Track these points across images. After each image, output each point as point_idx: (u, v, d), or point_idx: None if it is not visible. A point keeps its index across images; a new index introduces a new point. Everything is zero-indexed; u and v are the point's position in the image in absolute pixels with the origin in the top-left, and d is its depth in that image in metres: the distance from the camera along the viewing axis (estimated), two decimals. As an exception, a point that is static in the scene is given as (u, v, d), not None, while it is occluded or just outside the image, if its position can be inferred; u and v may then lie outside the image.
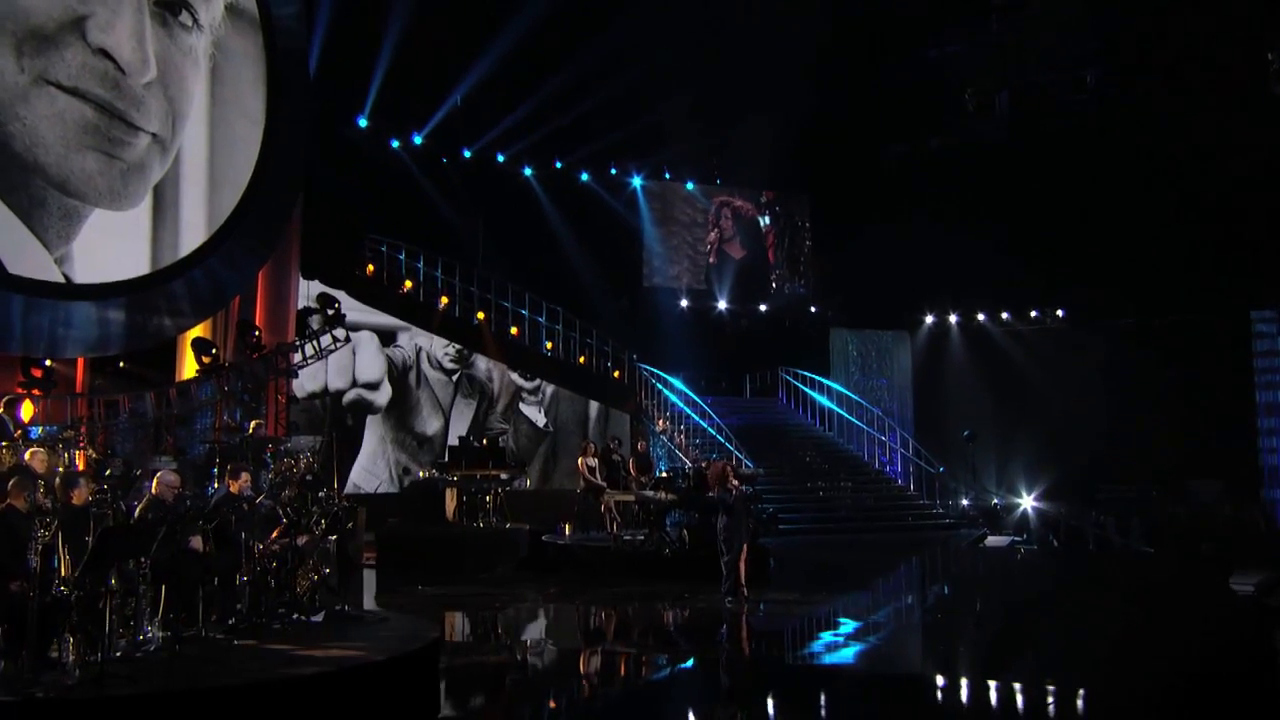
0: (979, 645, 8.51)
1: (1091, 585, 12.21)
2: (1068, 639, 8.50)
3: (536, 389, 18.38)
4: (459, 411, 17.46)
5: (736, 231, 22.45)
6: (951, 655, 8.23)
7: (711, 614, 10.11)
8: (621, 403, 18.98)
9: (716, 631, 9.39)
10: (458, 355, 17.67)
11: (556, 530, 14.01)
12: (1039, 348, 21.74)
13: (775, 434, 19.32)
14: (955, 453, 19.70)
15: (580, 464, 14.02)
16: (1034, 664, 7.67)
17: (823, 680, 7.64)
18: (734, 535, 9.84)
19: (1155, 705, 6.69)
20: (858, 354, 22.65)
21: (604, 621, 10.24)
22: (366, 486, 16.24)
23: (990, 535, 16.62)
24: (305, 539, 7.95)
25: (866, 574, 13.26)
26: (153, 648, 6.54)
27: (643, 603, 10.82)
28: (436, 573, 12.06)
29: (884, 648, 8.82)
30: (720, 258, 22.20)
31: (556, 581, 11.92)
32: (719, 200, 22.43)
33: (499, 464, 13.40)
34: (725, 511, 9.83)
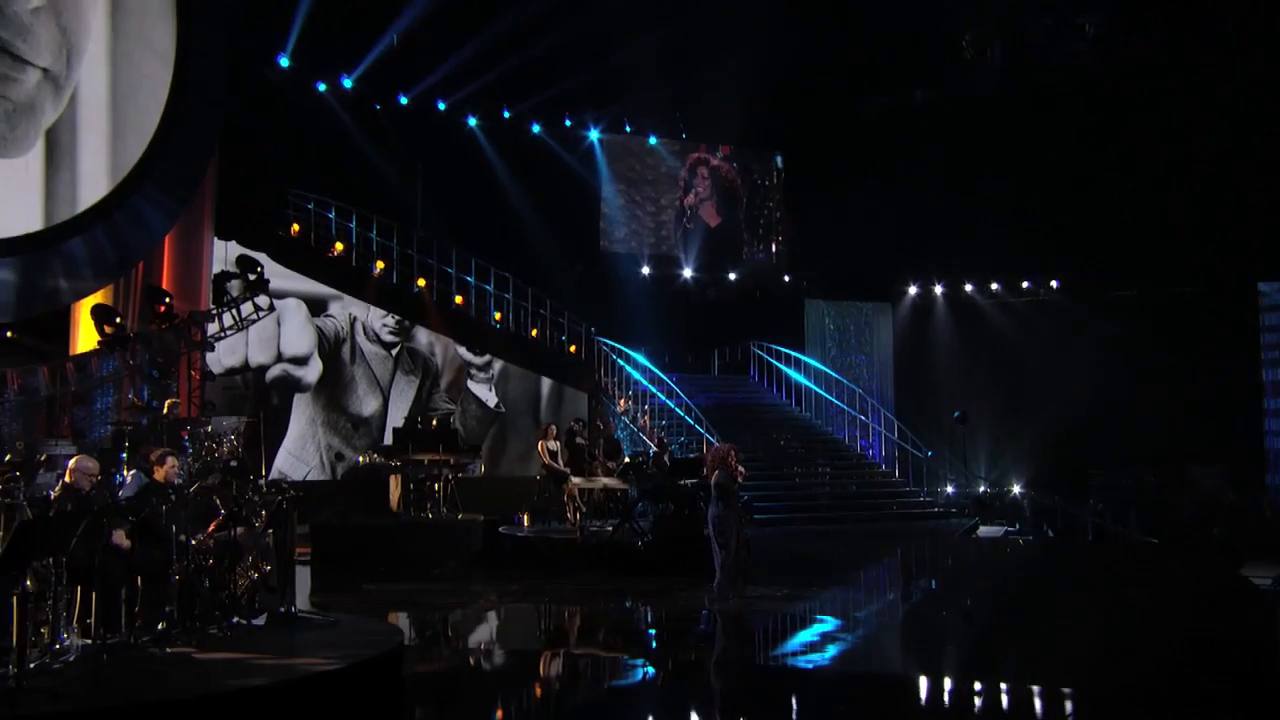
0: (997, 646, 8.55)
1: (1100, 579, 12.39)
2: (1090, 638, 8.58)
3: (486, 365, 18.14)
4: (399, 390, 17.16)
5: (713, 193, 22.33)
6: (970, 658, 8.25)
7: (697, 613, 10.05)
8: (579, 380, 18.85)
9: (709, 632, 9.33)
10: (397, 326, 17.35)
11: (514, 521, 13.90)
12: (1031, 321, 22.03)
13: (747, 414, 19.34)
14: (941, 435, 19.92)
15: (540, 448, 13.90)
16: (1061, 666, 7.71)
17: (839, 687, 7.60)
18: (730, 528, 9.79)
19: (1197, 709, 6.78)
20: (835, 327, 22.74)
21: (579, 623, 10.14)
22: (294, 474, 15.90)
23: (982, 525, 16.81)
24: (242, 532, 7.69)
25: (855, 567, 13.32)
26: (72, 658, 6.29)
27: (616, 601, 10.73)
28: (381, 569, 11.84)
29: (898, 650, 8.85)
30: (695, 223, 22.05)
31: (517, 578, 11.80)
32: (694, 158, 22.26)
33: (450, 448, 13.20)
34: (724, 500, 9.75)
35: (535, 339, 18.64)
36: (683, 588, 10.76)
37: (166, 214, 13.79)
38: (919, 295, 23.14)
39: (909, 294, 23.12)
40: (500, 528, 13.52)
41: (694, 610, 10.14)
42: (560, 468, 13.89)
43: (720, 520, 9.78)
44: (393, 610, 9.96)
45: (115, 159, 12.78)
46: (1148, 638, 8.67)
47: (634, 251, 21.54)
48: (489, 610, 10.59)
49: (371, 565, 12.02)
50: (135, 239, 13.36)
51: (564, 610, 10.58)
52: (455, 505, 13.57)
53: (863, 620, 10.22)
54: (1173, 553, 14.90)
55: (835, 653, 8.67)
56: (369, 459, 14.25)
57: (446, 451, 13.19)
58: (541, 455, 13.96)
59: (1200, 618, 9.53)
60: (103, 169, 12.65)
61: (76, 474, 7.13)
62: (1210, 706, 6.78)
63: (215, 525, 7.44)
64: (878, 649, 8.90)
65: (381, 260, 17.55)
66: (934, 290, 23.09)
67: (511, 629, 9.99)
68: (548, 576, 11.78)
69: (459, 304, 18.10)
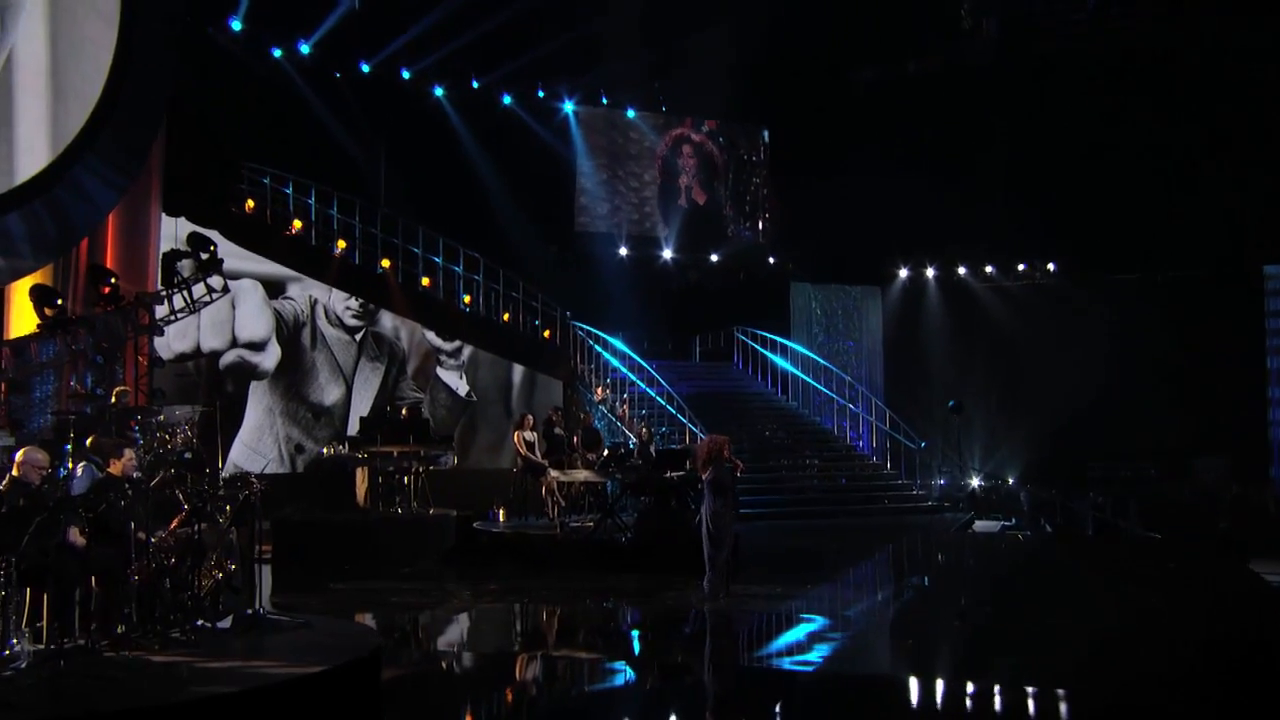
0: (1001, 648, 8.56)
1: (1104, 576, 12.47)
2: (1101, 640, 8.60)
3: (457, 351, 17.98)
4: (363, 377, 16.98)
5: (699, 172, 22.24)
6: (975, 660, 8.24)
7: (686, 613, 10.01)
8: (553, 367, 18.76)
9: (701, 633, 9.29)
10: (361, 310, 17.15)
11: (489, 516, 13.84)
12: (1027, 306, 22.16)
13: (730, 404, 19.33)
14: (935, 425, 20.02)
15: (516, 439, 13.83)
16: (1072, 668, 7.72)
17: (838, 691, 7.58)
18: (725, 523, 9.75)
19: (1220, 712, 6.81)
20: (821, 312, 22.78)
21: (563, 625, 10.09)
22: (250, 467, 15.67)
23: (978, 520, 16.91)
24: (206, 529, 7.55)
25: (848, 565, 13.34)
26: (24, 664, 6.16)
27: (600, 601, 10.68)
28: (346, 568, 11.74)
29: (899, 653, 8.82)
30: (685, 202, 21.94)
31: (494, 576, 11.74)
32: (675, 134, 22.14)
33: (421, 439, 13.07)
34: (718, 494, 9.70)
35: (507, 323, 18.52)
36: (669, 586, 10.73)
37: (111, 187, 13.52)
38: (910, 278, 23.22)
39: (899, 277, 23.18)
40: (475, 523, 13.46)
41: (683, 610, 10.10)
42: (538, 460, 13.82)
43: (718, 516, 9.73)
44: (364, 611, 9.85)
45: (56, 127, 12.47)
46: (1161, 639, 8.70)
47: (611, 231, 21.44)
48: (466, 611, 10.51)
49: (337, 564, 11.88)
50: (78, 214, 13.08)
51: (546, 611, 10.52)
52: (426, 500, 13.45)
53: (860, 621, 10.22)
54: (1177, 548, 15.04)
55: (834, 655, 8.67)
56: (333, 450, 14.07)
57: (417, 443, 13.07)
58: (518, 447, 13.86)
59: (1215, 617, 9.59)
60: (42, 138, 12.35)
61: (25, 467, 6.96)
62: (1233, 710, 6.82)
63: (178, 521, 7.28)
64: (877, 651, 8.89)
65: (343, 239, 17.35)
66: (925, 273, 23.17)
67: (491, 631, 9.91)
68: (526, 575, 11.72)
69: (426, 286, 17.93)
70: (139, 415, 11.97)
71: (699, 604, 9.97)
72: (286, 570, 11.68)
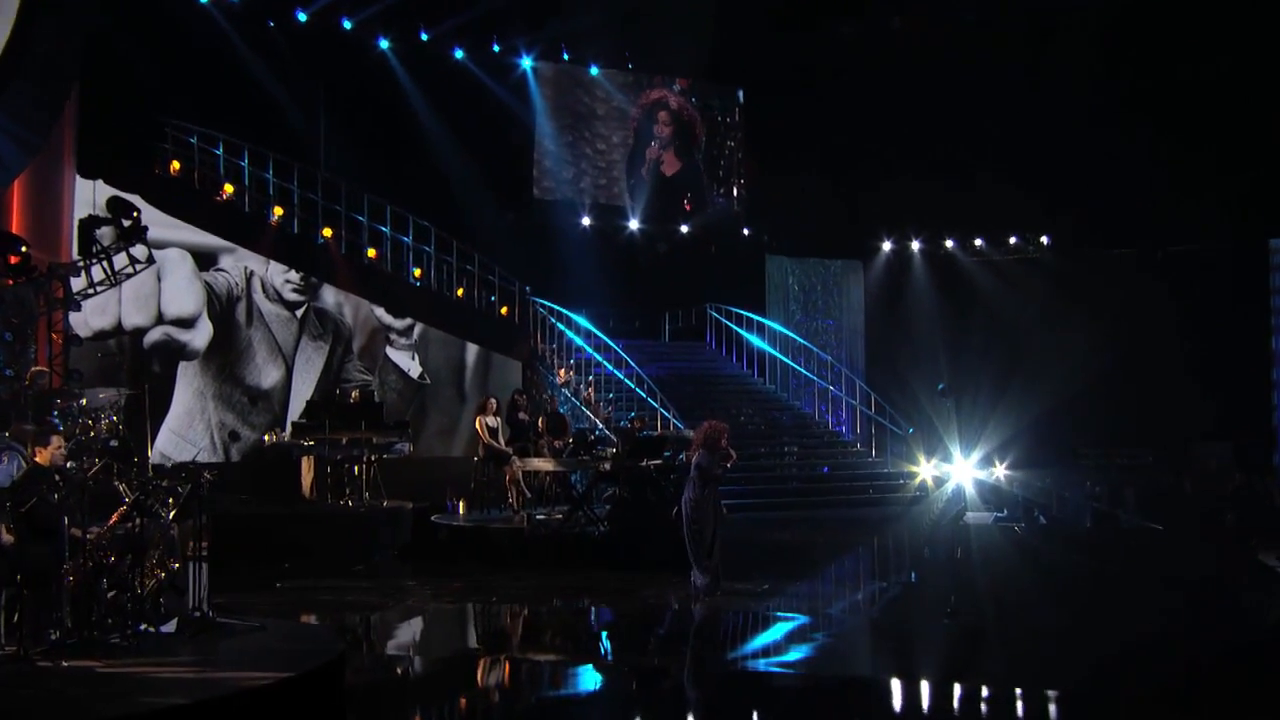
0: (1011, 649, 8.60)
1: (1113, 571, 12.59)
2: (1122, 640, 8.67)
3: (409, 329, 17.76)
4: (305, 358, 16.71)
5: (674, 139, 22.11)
6: (986, 663, 8.28)
7: (668, 612, 9.98)
8: (511, 347, 18.63)
9: (686, 634, 9.26)
10: (303, 284, 16.88)
11: (448, 508, 13.77)
12: (1019, 282, 22.29)
13: (703, 386, 19.38)
14: (921, 410, 20.12)
15: (478, 425, 13.77)
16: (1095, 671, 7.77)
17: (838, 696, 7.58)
18: (705, 514, 9.76)
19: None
20: (799, 288, 22.83)
21: (534, 627, 10.03)
22: (179, 455, 15.43)
23: (970, 511, 17.02)
24: (147, 524, 7.37)
25: (836, 559, 13.43)
26: (-51, 675, 5.96)
27: (574, 599, 10.64)
28: (295, 565, 11.64)
29: (902, 653, 8.83)
30: (649, 169, 21.83)
31: (456, 574, 11.66)
32: (652, 98, 21.97)
33: (373, 425, 12.92)
34: (703, 482, 9.69)
35: (460, 299, 18.35)
36: (647, 583, 10.74)
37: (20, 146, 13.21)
38: (894, 251, 23.30)
39: (882, 250, 23.25)
40: (433, 517, 13.38)
41: (664, 608, 10.09)
42: (501, 447, 13.75)
43: (699, 506, 9.70)
44: (316, 612, 9.72)
45: (-45, 81, 12.12)
46: (1186, 639, 8.75)
47: (574, 199, 21.28)
48: (427, 612, 10.42)
49: (281, 561, 11.74)
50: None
51: (514, 611, 10.47)
52: (378, 491, 13.31)
53: (852, 621, 10.26)
54: (1181, 539, 15.23)
55: (823, 656, 8.70)
56: (276, 438, 13.86)
57: (369, 429, 12.95)
58: (480, 433, 13.79)
59: (1236, 616, 9.71)
60: (-59, 92, 12.00)
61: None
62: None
63: (118, 516, 7.10)
64: (872, 653, 8.90)
65: (280, 206, 17.11)
66: (910, 246, 23.26)
67: (456, 633, 9.84)
68: (491, 572, 11.68)
69: (372, 258, 17.70)
70: (59, 399, 11.70)
71: (684, 602, 9.94)
72: (226, 569, 11.44)
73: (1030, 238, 22.89)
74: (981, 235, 22.99)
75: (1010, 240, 23.00)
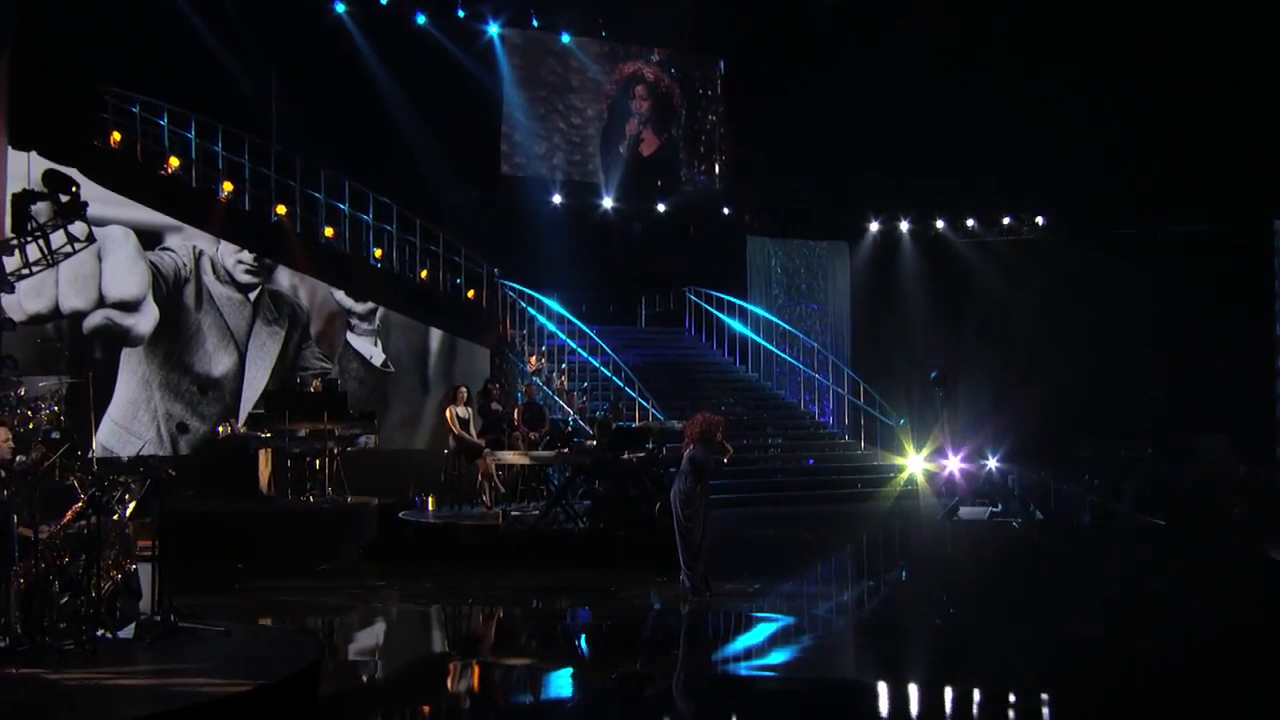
0: (1024, 655, 8.62)
1: (1122, 570, 12.65)
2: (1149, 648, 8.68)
3: (371, 313, 17.61)
4: (259, 344, 16.53)
5: (652, 115, 22.01)
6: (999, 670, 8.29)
7: (657, 614, 9.95)
8: (478, 332, 18.51)
9: (678, 637, 9.24)
10: (257, 264, 16.68)
11: (416, 504, 13.70)
12: (1013, 264, 22.40)
13: (682, 374, 19.37)
14: (911, 400, 20.20)
15: (448, 415, 13.73)
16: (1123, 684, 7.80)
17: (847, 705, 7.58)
18: (697, 509, 9.75)
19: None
20: (782, 271, 22.83)
21: (514, 630, 9.98)
22: (122, 448, 15.22)
23: (964, 506, 17.13)
24: (101, 522, 7.25)
25: (827, 557, 13.50)
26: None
27: (554, 600, 10.56)
28: (254, 565, 11.55)
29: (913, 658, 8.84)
30: (625, 145, 21.75)
31: (426, 574, 11.60)
32: (628, 71, 21.85)
33: (337, 416, 12.81)
34: (696, 476, 9.70)
35: (424, 281, 18.17)
36: (629, 583, 10.72)
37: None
38: (882, 232, 23.34)
39: (870, 231, 23.29)
40: (400, 513, 13.32)
41: (649, 611, 10.08)
42: (474, 439, 13.70)
43: (690, 499, 9.70)
44: (280, 616, 9.63)
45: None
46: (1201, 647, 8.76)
47: (544, 175, 21.17)
48: (398, 615, 10.34)
49: (240, 560, 11.62)
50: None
51: (490, 613, 10.40)
52: (342, 486, 13.20)
53: (848, 622, 10.28)
54: (1186, 536, 15.39)
55: (817, 661, 8.70)
56: (230, 429, 13.70)
57: (333, 420, 12.81)
58: (450, 424, 13.74)
59: (1254, 618, 9.76)
60: None
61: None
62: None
63: (73, 514, 6.98)
64: (871, 657, 8.88)
65: (230, 181, 16.82)
66: (899, 227, 23.32)
67: (430, 638, 9.77)
68: (464, 572, 11.63)
69: (330, 237, 17.46)
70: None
71: (670, 603, 9.91)
72: (180, 569, 11.31)
73: (1025, 219, 22.99)
74: (974, 216, 23.07)
75: (1004, 221, 23.08)
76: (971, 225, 23.18)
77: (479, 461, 13.58)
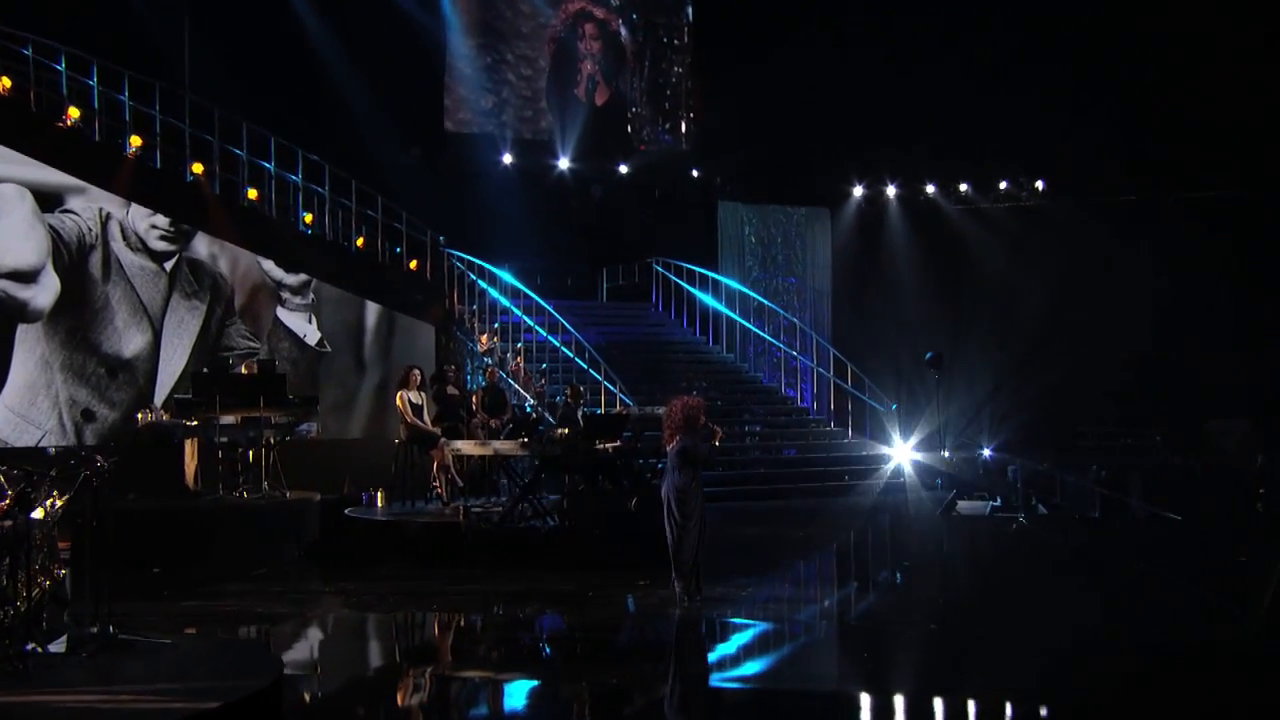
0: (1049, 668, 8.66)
1: (1146, 569, 12.73)
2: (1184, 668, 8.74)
3: (304, 287, 17.35)
4: (176, 320, 16.20)
5: (604, 58, 21.87)
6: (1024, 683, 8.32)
7: (643, 621, 9.92)
8: (421, 307, 18.37)
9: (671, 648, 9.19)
10: (173, 230, 16.35)
11: (364, 500, 13.63)
12: (1010, 233, 22.58)
13: (650, 355, 19.43)
14: (901, 382, 20.33)
15: (400, 401, 13.69)
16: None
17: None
18: (693, 505, 9.72)
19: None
20: (756, 240, 22.85)
21: (479, 640, 9.92)
22: (18, 439, 14.90)
23: (962, 500, 17.28)
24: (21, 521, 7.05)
25: (823, 556, 13.56)
26: None
27: (527, 606, 10.51)
28: (182, 569, 11.46)
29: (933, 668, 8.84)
30: (581, 96, 21.61)
31: (379, 577, 11.52)
32: (573, 8, 21.67)
33: (276, 402, 12.62)
34: (688, 468, 9.67)
35: (361, 250, 18.01)
36: (606, 587, 10.70)
37: None
38: (866, 198, 23.41)
39: (854, 196, 23.36)
40: (347, 510, 13.26)
41: (631, 617, 10.02)
42: (428, 428, 13.58)
43: (685, 495, 9.69)
44: (220, 625, 9.48)
45: None
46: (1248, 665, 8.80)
47: (493, 132, 21.09)
48: (351, 624, 10.24)
49: (166, 564, 11.49)
50: None
51: (451, 621, 10.33)
52: (279, 480, 13.03)
53: (850, 629, 10.29)
54: (1208, 532, 15.57)
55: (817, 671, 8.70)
56: (150, 417, 13.42)
57: (270, 406, 12.62)
58: (402, 411, 13.64)
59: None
60: None
61: None
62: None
63: (2, 510, 6.77)
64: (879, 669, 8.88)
65: (138, 135, 16.50)
66: (885, 192, 23.41)
67: (389, 648, 9.65)
68: (420, 575, 11.59)
69: (254, 200, 17.22)
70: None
71: (654, 609, 9.91)
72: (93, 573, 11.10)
73: (1025, 182, 23.15)
74: (968, 178, 23.17)
75: (1001, 185, 23.21)
76: (965, 190, 23.28)
77: (434, 452, 13.48)
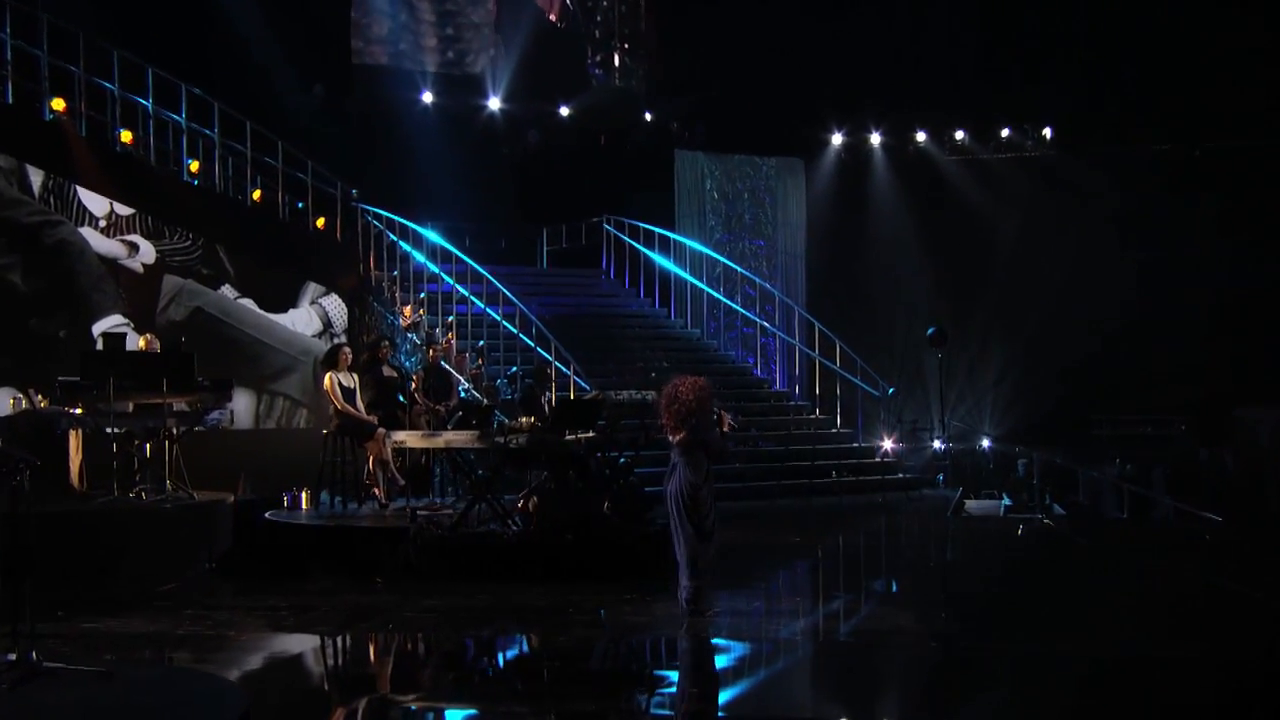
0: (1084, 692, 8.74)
1: (1180, 576, 12.92)
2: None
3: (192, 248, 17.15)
4: (38, 289, 15.95)
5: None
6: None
7: (640, 642, 9.89)
8: (331, 274, 18.33)
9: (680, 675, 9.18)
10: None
11: (288, 501, 13.58)
12: (1011, 187, 22.82)
13: (603, 329, 19.49)
14: (894, 362, 20.50)
15: (328, 384, 13.66)
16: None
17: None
18: (707, 505, 9.78)
19: None
20: (719, 195, 22.94)
21: (435, 665, 9.79)
22: None
23: (970, 500, 17.53)
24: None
25: (828, 564, 13.68)
26: None
27: (490, 625, 10.42)
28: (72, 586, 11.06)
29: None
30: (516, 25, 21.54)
31: (310, 592, 11.39)
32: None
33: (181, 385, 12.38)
34: (701, 462, 9.73)
35: (259, 205, 17.96)
36: (583, 601, 10.68)
37: None
38: (847, 146, 23.55)
39: (832, 145, 23.54)
40: (266, 513, 13.16)
41: (615, 637, 9.94)
42: (363, 415, 13.49)
43: (696, 495, 9.70)
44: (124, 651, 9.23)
45: None
46: None
47: (409, 66, 20.97)
48: (288, 650, 10.02)
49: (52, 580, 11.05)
50: None
51: (403, 644, 10.19)
52: (183, 479, 12.81)
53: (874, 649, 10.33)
54: (1240, 532, 15.88)
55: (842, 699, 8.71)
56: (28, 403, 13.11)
57: (175, 391, 12.36)
58: (331, 396, 13.55)
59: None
60: None
61: None
62: None
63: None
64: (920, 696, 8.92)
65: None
66: (869, 140, 23.55)
67: (342, 680, 9.46)
68: (359, 589, 11.44)
69: (128, 144, 17.06)
70: None
71: (643, 626, 9.94)
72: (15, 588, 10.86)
73: (1029, 129, 23.40)
74: (963, 125, 23.38)
75: (1003, 133, 23.45)
76: (960, 138, 23.48)
77: (369, 444, 13.42)
